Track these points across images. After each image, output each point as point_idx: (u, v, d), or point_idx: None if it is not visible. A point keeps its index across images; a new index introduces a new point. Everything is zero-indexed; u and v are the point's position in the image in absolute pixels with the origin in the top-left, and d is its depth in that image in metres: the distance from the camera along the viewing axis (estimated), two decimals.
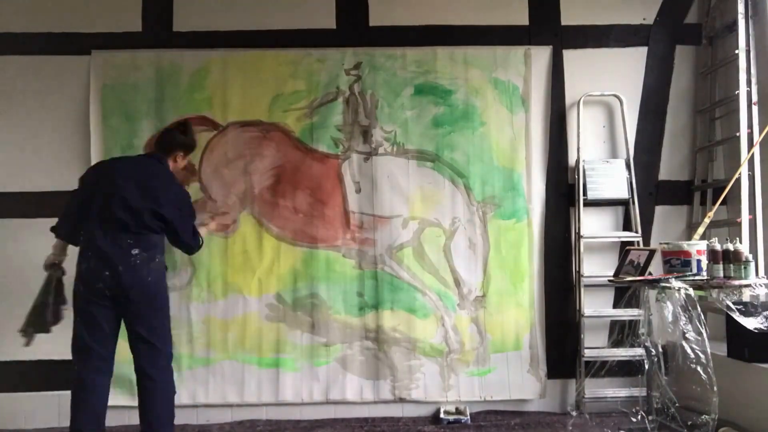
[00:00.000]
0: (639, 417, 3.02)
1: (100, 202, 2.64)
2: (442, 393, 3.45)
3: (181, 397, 3.39)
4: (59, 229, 2.79)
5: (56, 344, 3.43)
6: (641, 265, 2.98)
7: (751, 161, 3.22)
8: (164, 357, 2.75)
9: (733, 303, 2.63)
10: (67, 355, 3.40)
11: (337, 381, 3.44)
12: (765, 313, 2.64)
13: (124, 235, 2.62)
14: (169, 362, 2.78)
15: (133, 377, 3.36)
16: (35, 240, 3.47)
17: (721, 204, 3.33)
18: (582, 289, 3.45)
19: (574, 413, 3.22)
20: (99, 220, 2.63)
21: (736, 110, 3.28)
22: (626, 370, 3.31)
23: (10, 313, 3.44)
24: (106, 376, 2.71)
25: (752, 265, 2.70)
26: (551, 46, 3.61)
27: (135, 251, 2.63)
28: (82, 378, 2.65)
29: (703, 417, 2.63)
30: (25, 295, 3.43)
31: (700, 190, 3.59)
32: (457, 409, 3.40)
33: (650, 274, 2.96)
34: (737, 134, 3.27)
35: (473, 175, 3.53)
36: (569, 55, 3.64)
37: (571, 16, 3.65)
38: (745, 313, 2.65)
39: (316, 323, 3.46)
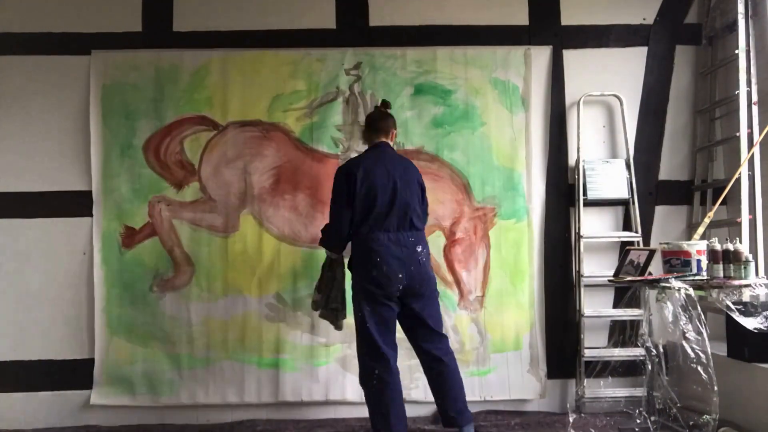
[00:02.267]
0: (641, 418, 3.02)
1: (378, 203, 2.70)
2: None
3: (181, 397, 3.40)
4: (336, 246, 2.91)
5: (56, 344, 3.45)
6: (641, 265, 2.98)
7: (751, 161, 3.22)
8: (446, 340, 2.86)
9: (733, 303, 2.64)
10: (67, 354, 3.45)
11: (337, 381, 3.44)
12: (765, 313, 2.64)
13: (407, 233, 2.70)
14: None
15: (133, 377, 3.40)
16: (35, 240, 3.48)
17: (721, 204, 3.33)
18: (582, 289, 3.45)
19: (573, 416, 3.22)
20: (380, 222, 2.70)
21: (736, 110, 3.28)
22: (627, 370, 3.31)
23: (11, 313, 3.46)
24: (398, 375, 2.78)
25: (752, 265, 2.70)
26: (551, 46, 3.62)
27: (419, 248, 2.72)
28: (387, 381, 2.72)
29: (704, 417, 2.63)
30: (26, 296, 3.46)
31: (700, 190, 3.59)
32: None
33: (650, 274, 2.96)
34: (737, 134, 3.27)
35: (473, 175, 3.53)
36: (569, 55, 3.64)
37: (571, 16, 3.65)
38: (745, 313, 2.65)
39: (316, 323, 3.45)
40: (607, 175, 3.53)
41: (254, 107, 3.52)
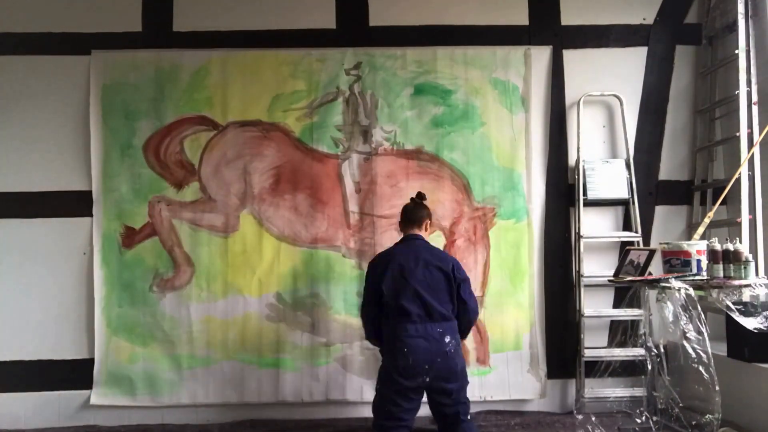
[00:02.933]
0: (643, 418, 3.02)
1: (402, 295, 2.64)
2: None
3: (181, 397, 3.40)
4: (371, 339, 2.86)
5: (56, 344, 3.45)
6: (641, 265, 2.98)
7: (751, 161, 3.22)
8: (472, 426, 2.75)
9: (733, 303, 2.63)
10: (67, 354, 3.45)
11: (337, 381, 3.44)
12: (765, 313, 2.64)
13: (434, 324, 2.62)
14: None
15: (133, 377, 3.41)
16: (35, 240, 3.48)
17: (721, 204, 3.33)
18: (582, 289, 3.45)
19: (579, 416, 3.21)
20: (405, 312, 2.63)
21: (736, 110, 3.29)
22: (627, 370, 3.31)
23: (11, 313, 3.46)
24: None
25: (752, 265, 2.70)
26: (551, 46, 3.62)
27: (447, 339, 2.62)
28: None
29: (706, 417, 2.63)
30: (26, 296, 3.45)
31: (700, 190, 3.59)
32: None
33: (650, 274, 2.96)
34: (737, 134, 3.27)
35: (473, 175, 3.53)
36: (569, 55, 3.64)
37: (571, 16, 3.65)
38: (745, 313, 2.65)
39: (316, 323, 3.46)
40: (607, 175, 3.53)
41: (254, 107, 3.52)
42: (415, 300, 2.62)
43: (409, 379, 2.59)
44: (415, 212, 2.85)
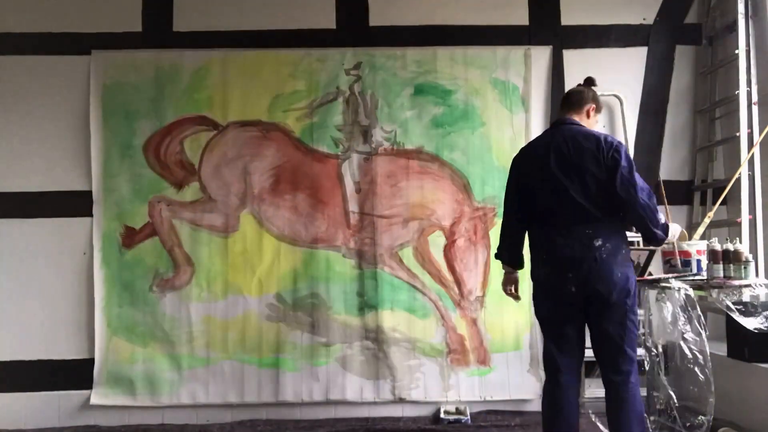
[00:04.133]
0: None
1: (540, 196, 2.32)
2: (442, 393, 3.45)
3: (181, 397, 3.40)
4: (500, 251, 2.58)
5: (56, 344, 3.45)
6: (641, 265, 2.98)
7: (751, 161, 3.21)
8: (633, 364, 2.38)
9: (733, 303, 2.63)
10: (67, 354, 3.45)
11: (337, 381, 3.44)
12: (765, 313, 2.64)
13: (580, 227, 2.25)
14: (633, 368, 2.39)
15: (133, 377, 3.41)
16: (35, 240, 3.48)
17: (721, 204, 3.32)
18: None
19: (593, 416, 3.20)
20: (546, 215, 2.32)
21: (736, 110, 3.28)
22: None
23: (11, 313, 3.46)
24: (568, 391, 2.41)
25: (752, 265, 2.69)
26: (551, 46, 3.61)
27: (597, 243, 2.24)
28: (553, 395, 2.41)
29: (699, 418, 2.63)
30: (26, 296, 3.45)
31: (700, 190, 3.59)
32: (457, 409, 3.40)
33: (650, 274, 2.96)
34: (737, 134, 3.26)
35: (473, 175, 3.53)
36: (569, 55, 3.64)
37: (571, 16, 3.65)
38: (745, 313, 2.64)
39: (316, 323, 3.46)
40: None
41: (254, 107, 3.52)
42: (556, 200, 2.27)
43: (550, 290, 2.35)
44: (573, 94, 2.47)
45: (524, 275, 3.51)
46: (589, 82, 2.56)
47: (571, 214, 2.26)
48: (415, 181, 3.50)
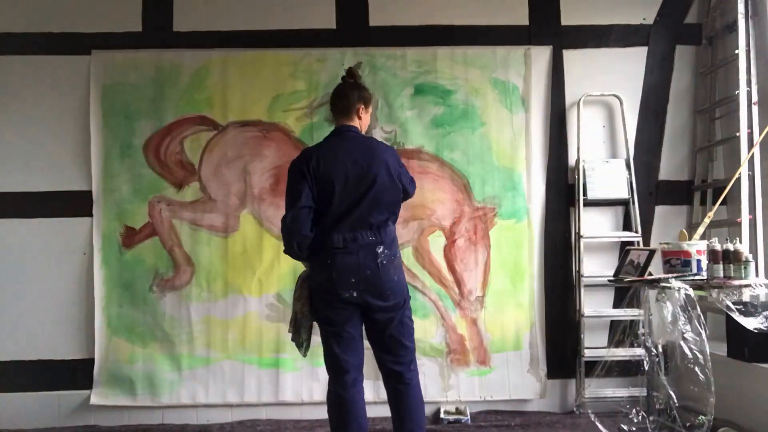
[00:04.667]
0: (639, 417, 3.02)
1: (334, 202, 2.33)
2: (442, 393, 3.45)
3: (181, 397, 3.40)
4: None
5: (56, 344, 3.45)
6: (641, 265, 2.98)
7: (751, 161, 3.21)
8: (411, 352, 2.48)
9: (733, 303, 2.63)
10: (67, 354, 3.45)
11: None
12: (765, 313, 2.64)
13: (365, 233, 2.33)
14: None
15: (133, 377, 3.40)
16: (35, 240, 3.48)
17: (721, 204, 3.33)
18: (582, 289, 3.45)
19: (592, 415, 3.21)
20: (335, 222, 2.33)
21: (736, 110, 3.28)
22: (627, 370, 3.31)
23: (11, 313, 3.46)
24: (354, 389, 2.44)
25: (752, 265, 2.69)
26: (551, 46, 3.61)
27: (379, 249, 2.33)
28: (342, 396, 2.41)
29: (699, 418, 2.63)
30: (26, 296, 3.46)
31: (700, 190, 3.59)
32: (457, 409, 3.41)
33: (650, 274, 2.96)
34: (737, 134, 3.26)
35: (473, 175, 3.53)
36: (569, 55, 3.64)
37: (571, 16, 3.65)
38: (745, 313, 2.64)
39: (315, 323, 3.44)
40: (607, 175, 3.53)
41: (254, 107, 3.52)
42: (348, 206, 2.32)
43: (333, 294, 2.35)
44: (343, 99, 2.44)
45: (525, 269, 3.54)
46: (350, 74, 2.51)
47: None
48: (415, 181, 3.49)
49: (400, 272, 2.43)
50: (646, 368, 3.02)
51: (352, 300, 2.33)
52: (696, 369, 2.62)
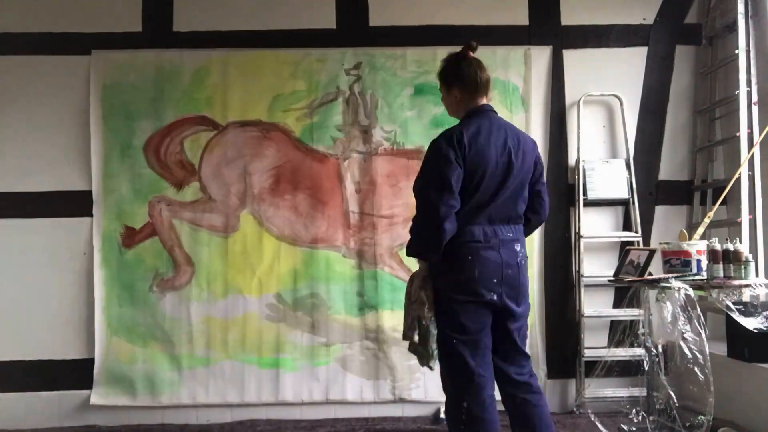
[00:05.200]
0: (639, 417, 3.02)
1: (482, 188, 2.10)
2: (442, 393, 3.43)
3: (181, 397, 3.40)
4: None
5: (56, 344, 3.45)
6: (641, 265, 2.98)
7: (751, 161, 3.22)
8: (530, 361, 2.25)
9: (733, 303, 2.63)
10: (67, 354, 3.45)
11: (337, 381, 3.44)
12: (765, 313, 2.64)
13: (506, 227, 2.15)
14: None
15: (133, 377, 3.40)
16: (35, 240, 3.48)
17: (721, 204, 3.33)
18: (582, 289, 3.45)
19: (592, 415, 3.21)
20: (478, 212, 2.12)
21: (736, 110, 3.28)
22: (627, 370, 3.31)
23: (11, 313, 3.46)
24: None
25: (752, 265, 2.69)
26: (551, 46, 3.61)
27: (517, 248, 2.15)
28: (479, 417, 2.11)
29: (699, 418, 2.63)
30: (26, 296, 3.46)
31: (700, 190, 3.59)
32: None
33: (650, 274, 2.96)
34: (737, 134, 3.27)
35: None
36: (569, 55, 3.64)
37: (571, 16, 3.65)
38: (745, 313, 2.64)
39: (316, 323, 3.46)
40: (607, 175, 3.53)
41: (254, 107, 3.52)
42: (496, 194, 2.12)
43: (473, 295, 2.10)
44: (482, 72, 2.24)
45: (533, 273, 3.53)
46: (470, 48, 2.32)
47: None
48: None
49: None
50: (646, 368, 3.02)
51: (492, 303, 2.07)
52: (696, 369, 2.62)
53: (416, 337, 2.15)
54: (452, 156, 2.05)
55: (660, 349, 3.00)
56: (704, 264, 2.81)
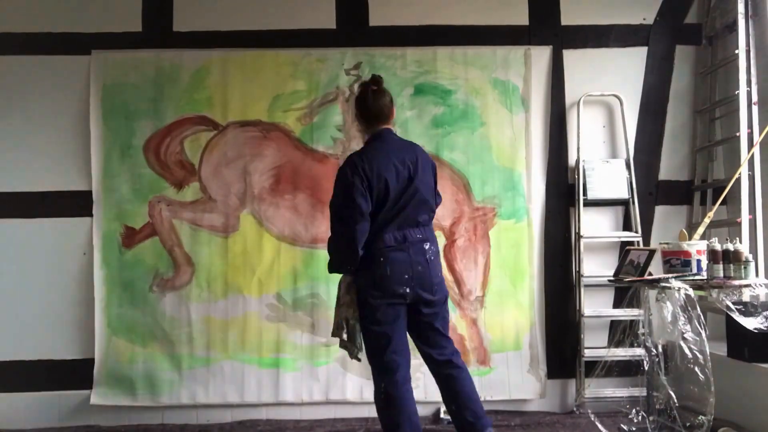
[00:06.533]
0: (639, 417, 3.02)
1: (389, 201, 2.42)
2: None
3: (181, 397, 3.40)
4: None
5: (56, 344, 3.45)
6: (641, 265, 2.98)
7: (751, 161, 3.22)
8: (452, 342, 2.59)
9: (733, 303, 2.63)
10: (67, 354, 3.45)
11: (337, 381, 3.44)
12: (765, 313, 2.64)
13: (414, 230, 2.46)
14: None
15: (133, 377, 3.40)
16: (35, 240, 3.48)
17: (721, 204, 3.33)
18: (582, 289, 3.45)
19: (592, 415, 3.21)
20: (387, 221, 2.43)
21: (736, 110, 3.28)
22: (627, 370, 3.31)
23: (11, 313, 3.46)
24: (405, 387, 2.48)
25: (752, 265, 2.69)
26: (551, 46, 3.61)
27: (426, 246, 2.48)
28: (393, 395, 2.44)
29: (699, 418, 2.63)
30: (26, 296, 3.46)
31: (700, 190, 3.59)
32: None
33: (650, 274, 2.96)
34: (737, 134, 3.27)
35: (473, 175, 3.53)
36: (569, 55, 3.64)
37: (571, 16, 3.65)
38: (745, 313, 2.64)
39: (316, 323, 3.46)
40: (607, 175, 3.53)
41: (254, 107, 3.52)
42: (401, 205, 2.44)
43: (386, 290, 2.42)
44: (377, 103, 2.52)
45: (525, 269, 3.54)
46: (375, 81, 2.58)
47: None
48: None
49: (441, 269, 2.58)
50: (646, 368, 3.02)
51: (404, 295, 2.41)
52: (696, 369, 2.62)
53: (344, 335, 2.49)
54: (358, 182, 2.37)
55: (660, 349, 3.00)
56: (704, 264, 2.81)
